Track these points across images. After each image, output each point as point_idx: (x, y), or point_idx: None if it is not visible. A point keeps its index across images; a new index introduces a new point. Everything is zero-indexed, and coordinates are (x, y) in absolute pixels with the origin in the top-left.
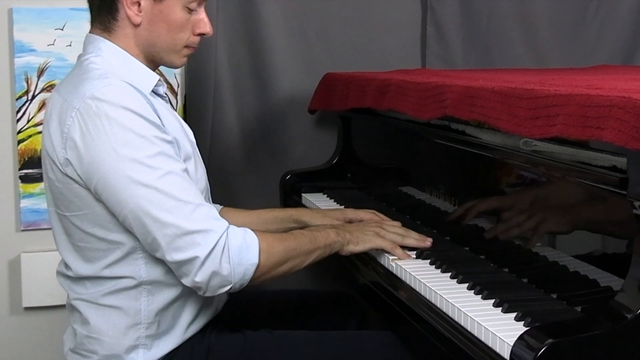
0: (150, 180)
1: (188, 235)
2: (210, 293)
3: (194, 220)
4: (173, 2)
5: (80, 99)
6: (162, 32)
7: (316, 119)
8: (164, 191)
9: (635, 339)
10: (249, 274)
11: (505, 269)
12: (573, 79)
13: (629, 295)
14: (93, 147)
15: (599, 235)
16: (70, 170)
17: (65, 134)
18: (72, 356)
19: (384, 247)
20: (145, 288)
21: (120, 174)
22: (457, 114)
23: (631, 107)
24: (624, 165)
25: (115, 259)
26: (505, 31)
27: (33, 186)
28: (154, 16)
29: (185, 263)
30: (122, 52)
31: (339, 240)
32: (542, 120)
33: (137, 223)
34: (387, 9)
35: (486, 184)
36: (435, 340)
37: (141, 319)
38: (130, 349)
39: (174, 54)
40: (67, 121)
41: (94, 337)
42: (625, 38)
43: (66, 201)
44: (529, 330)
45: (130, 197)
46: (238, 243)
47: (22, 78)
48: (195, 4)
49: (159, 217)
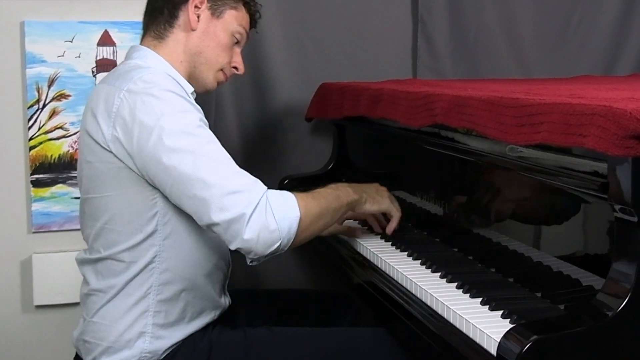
0: (195, 146)
1: (233, 194)
2: (261, 251)
3: (236, 181)
4: (226, 23)
5: (129, 82)
6: (211, 43)
7: (313, 127)
8: (208, 155)
9: (616, 335)
10: (294, 227)
11: (492, 269)
12: (556, 88)
13: (609, 295)
14: (141, 119)
15: (581, 236)
16: (118, 148)
17: (114, 113)
18: (81, 344)
19: (393, 213)
20: (156, 276)
21: (167, 141)
22: (446, 122)
23: (612, 116)
24: (604, 170)
25: (135, 243)
26: (492, 43)
27: (44, 190)
28: (208, 28)
29: (233, 222)
30: (165, 63)
31: (357, 199)
32: (527, 128)
33: (183, 187)
34: (380, 22)
35: (474, 189)
36: (426, 337)
37: (149, 306)
38: (137, 337)
39: (212, 72)
40: (115, 102)
41: (104, 323)
42: (605, 50)
43: (104, 182)
44: (515, 327)
45: (177, 162)
46: (279, 200)
47: (33, 88)
48: (239, 36)
49: (204, 178)
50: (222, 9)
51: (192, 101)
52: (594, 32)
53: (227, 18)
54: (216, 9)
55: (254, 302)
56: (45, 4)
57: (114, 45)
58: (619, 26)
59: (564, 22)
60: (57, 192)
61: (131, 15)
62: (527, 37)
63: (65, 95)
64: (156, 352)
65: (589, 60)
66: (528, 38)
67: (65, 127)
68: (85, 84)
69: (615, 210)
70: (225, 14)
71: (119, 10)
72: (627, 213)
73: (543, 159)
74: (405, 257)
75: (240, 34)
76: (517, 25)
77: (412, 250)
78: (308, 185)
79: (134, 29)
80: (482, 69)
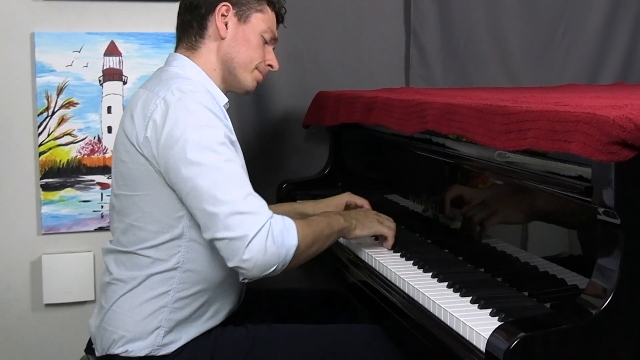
0: (214, 162)
1: (240, 215)
2: (256, 273)
3: (246, 203)
4: (253, 26)
5: (167, 89)
6: (242, 48)
7: (310, 133)
8: (224, 173)
9: (600, 333)
10: (290, 254)
11: (481, 269)
12: (543, 96)
13: (593, 294)
14: (170, 127)
15: (566, 237)
16: (148, 149)
17: (148, 116)
18: (97, 331)
19: (384, 233)
20: (178, 275)
21: (189, 153)
22: (437, 129)
23: (596, 122)
24: (589, 175)
25: (162, 241)
26: (481, 53)
27: (53, 194)
28: (236, 34)
29: (234, 240)
30: (201, 72)
31: (347, 227)
32: (515, 134)
33: (196, 199)
34: (374, 34)
35: (464, 192)
36: (418, 333)
37: (168, 302)
38: (152, 329)
39: (248, 72)
40: (151, 106)
41: (122, 313)
42: (589, 60)
43: (136, 182)
44: (503, 324)
45: (195, 175)
46: (280, 226)
47: (43, 96)
48: (268, 35)
49: (216, 194)
50: (248, 13)
51: (222, 116)
52: (579, 43)
53: (253, 21)
54: (242, 14)
55: (256, 301)
56: (54, 16)
57: (120, 55)
58: (602, 38)
59: (550, 34)
60: (66, 195)
61: (136, 27)
62: (514, 48)
63: (73, 103)
64: (167, 346)
65: (574, 70)
66: (516, 48)
67: (73, 133)
68: (93, 92)
69: (599, 213)
70: (251, 18)
71: (125, 22)
72: (610, 216)
73: (530, 164)
74: (398, 257)
75: (268, 33)
76: (506, 36)
77: (404, 251)
78: (305, 188)
79: (139, 40)
80: (472, 78)
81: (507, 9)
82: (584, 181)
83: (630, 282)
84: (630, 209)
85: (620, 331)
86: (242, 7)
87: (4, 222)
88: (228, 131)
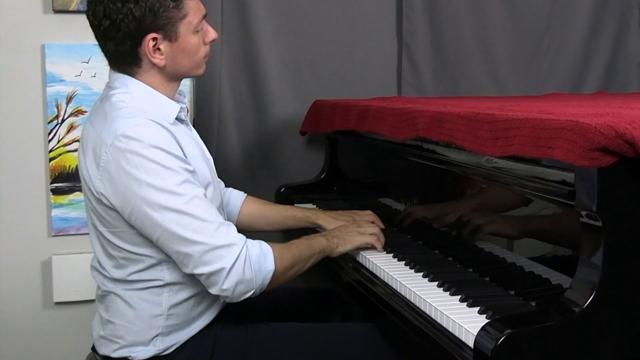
0: (178, 205)
1: (214, 250)
2: (236, 298)
3: (217, 237)
4: (185, 34)
5: (113, 136)
6: (185, 60)
7: (306, 140)
8: (190, 214)
9: (582, 329)
10: (267, 279)
11: (470, 269)
12: (528, 105)
13: (576, 292)
14: (125, 180)
15: (550, 239)
16: (105, 199)
17: (102, 167)
18: (101, 341)
19: (367, 243)
20: (168, 288)
21: (151, 202)
22: (428, 136)
23: (578, 130)
24: (572, 179)
25: (144, 267)
26: (469, 64)
27: (62, 198)
28: (174, 53)
29: (213, 274)
30: (147, 89)
31: (329, 245)
32: (502, 141)
33: (168, 243)
34: (367, 45)
35: (453, 196)
36: (410, 331)
37: (162, 311)
38: (152, 337)
39: (198, 69)
40: (103, 156)
41: (121, 324)
42: (573, 70)
43: (102, 220)
44: (491, 322)
45: (162, 222)
46: (257, 253)
47: (53, 104)
48: (200, 24)
49: (187, 236)
50: (175, 28)
51: (174, 149)
52: (563, 54)
53: (183, 31)
54: (171, 34)
55: (254, 300)
56: (64, 28)
57: None
58: (585, 49)
59: (536, 45)
60: (75, 199)
61: None
62: (501, 59)
63: (81, 112)
64: (168, 348)
65: (558, 80)
66: (502, 59)
67: None
68: None
69: (581, 216)
70: (180, 29)
71: None
72: (592, 218)
73: (516, 169)
74: (391, 258)
75: (199, 22)
76: (493, 47)
77: (396, 252)
78: (303, 192)
79: None
80: (461, 87)
81: (495, 21)
82: (568, 186)
83: (611, 281)
84: (612, 212)
85: (602, 327)
86: (166, 27)
87: (16, 224)
88: (184, 163)
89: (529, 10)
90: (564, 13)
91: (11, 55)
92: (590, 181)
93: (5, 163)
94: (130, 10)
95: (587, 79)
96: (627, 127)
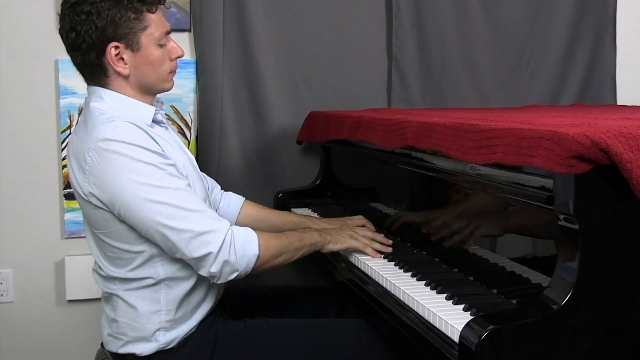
0: (162, 198)
1: (201, 236)
2: (223, 280)
3: (203, 224)
4: (148, 46)
5: (94, 141)
6: (149, 71)
7: (303, 148)
8: (175, 205)
9: (561, 325)
10: (251, 263)
11: (455, 269)
12: (510, 116)
13: (555, 290)
14: (111, 179)
15: (530, 241)
16: (95, 199)
17: (87, 170)
18: (108, 339)
19: (357, 247)
20: (164, 283)
21: (137, 197)
22: (416, 144)
23: (557, 139)
24: (551, 185)
25: (138, 264)
26: (455, 78)
27: (75, 202)
28: (137, 63)
29: (202, 259)
30: (120, 96)
31: (321, 241)
32: (485, 150)
33: (157, 234)
34: (360, 61)
35: (440, 201)
36: (399, 327)
37: (161, 307)
38: (153, 332)
39: (164, 82)
40: (87, 159)
41: (124, 322)
42: (551, 83)
43: (95, 222)
44: (474, 318)
45: (149, 214)
46: (242, 239)
47: (65, 115)
48: (164, 39)
49: (174, 226)
50: (136, 38)
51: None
52: (542, 68)
53: (145, 42)
54: (132, 43)
55: (253, 297)
56: None
57: None
58: (563, 63)
59: (516, 60)
60: None
61: None
62: (485, 72)
63: None
64: (171, 342)
65: (538, 92)
66: (486, 73)
67: None
68: None
69: (559, 219)
70: (141, 40)
71: None
72: (569, 222)
73: (498, 176)
74: (381, 259)
75: (162, 36)
76: (477, 62)
77: (386, 254)
78: (299, 197)
79: None
80: (447, 99)
81: (478, 38)
82: (546, 191)
83: (587, 280)
84: (588, 215)
85: (579, 324)
86: (128, 37)
87: (31, 227)
88: (163, 159)
89: (510, 28)
90: (542, 30)
91: (27, 69)
92: (567, 187)
93: (22, 170)
94: (93, 22)
95: (564, 92)
96: (602, 136)
